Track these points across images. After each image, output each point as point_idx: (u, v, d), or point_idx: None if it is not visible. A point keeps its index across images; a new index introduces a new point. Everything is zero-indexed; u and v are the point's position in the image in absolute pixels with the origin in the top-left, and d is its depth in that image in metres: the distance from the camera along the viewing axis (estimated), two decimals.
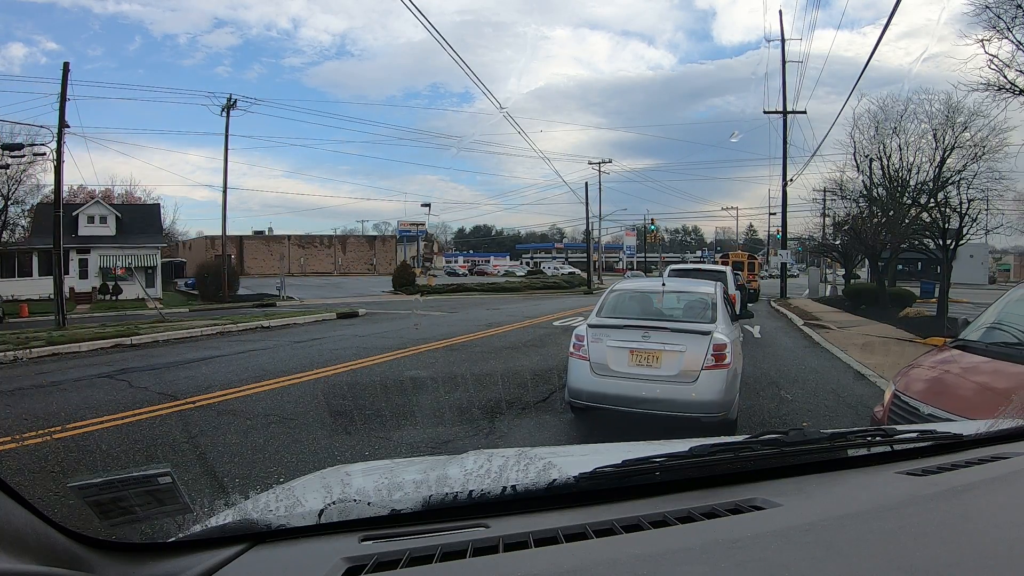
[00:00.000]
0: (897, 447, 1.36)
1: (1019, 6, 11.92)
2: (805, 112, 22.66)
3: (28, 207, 30.31)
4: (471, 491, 1.08)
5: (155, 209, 39.22)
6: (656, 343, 5.05)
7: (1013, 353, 3.39)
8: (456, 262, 77.00)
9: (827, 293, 30.06)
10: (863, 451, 1.33)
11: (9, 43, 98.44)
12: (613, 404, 5.04)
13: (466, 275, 62.45)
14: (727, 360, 4.96)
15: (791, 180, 24.99)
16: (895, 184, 18.02)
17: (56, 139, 18.44)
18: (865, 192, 19.51)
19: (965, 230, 15.19)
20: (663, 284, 6.27)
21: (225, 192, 29.24)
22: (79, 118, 22.05)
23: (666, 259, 72.25)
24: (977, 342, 3.71)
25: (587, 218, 42.88)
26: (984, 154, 15.83)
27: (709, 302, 5.78)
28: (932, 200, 16.53)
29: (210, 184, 76.78)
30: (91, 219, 33.46)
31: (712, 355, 4.94)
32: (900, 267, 30.32)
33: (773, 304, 22.84)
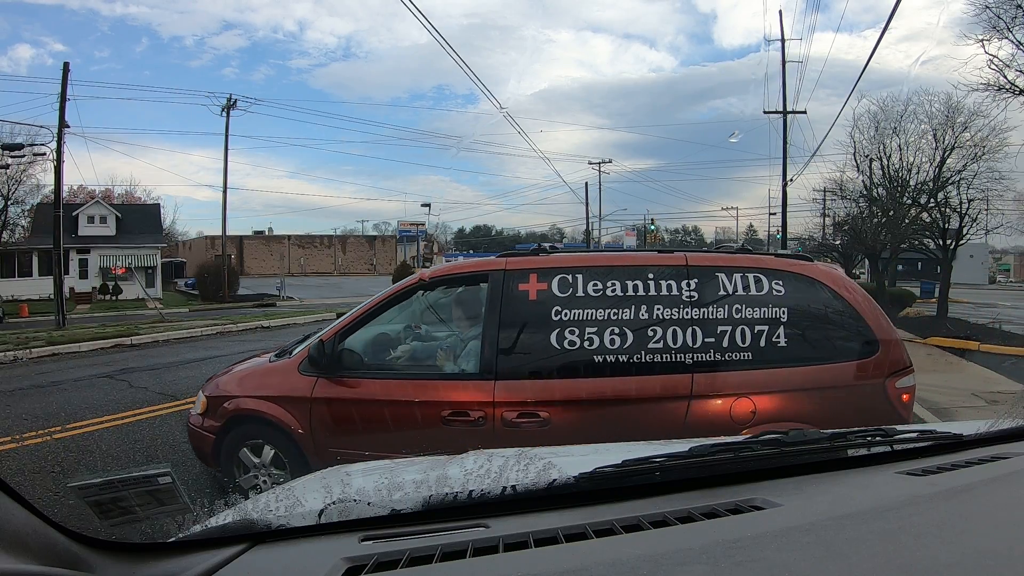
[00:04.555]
0: (897, 447, 1.36)
1: (1019, 6, 11.93)
2: (805, 112, 22.59)
3: (28, 207, 30.30)
4: (471, 491, 1.08)
5: (155, 209, 39.23)
6: None
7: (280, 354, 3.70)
8: (456, 262, 76.69)
9: None
10: (863, 451, 1.33)
11: (16, 44, 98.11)
12: None
13: None
14: None
15: (791, 180, 24.92)
16: (895, 184, 17.99)
17: (56, 139, 18.44)
18: (865, 192, 19.48)
19: (965, 230, 15.19)
20: None
21: (225, 192, 29.25)
22: (79, 118, 22.01)
23: None
24: (291, 345, 3.87)
25: (587, 218, 42.92)
26: (984, 154, 15.80)
27: None
28: (932, 200, 16.51)
29: (212, 184, 76.76)
30: (91, 219, 33.45)
31: None
32: (900, 267, 30.28)
33: None
